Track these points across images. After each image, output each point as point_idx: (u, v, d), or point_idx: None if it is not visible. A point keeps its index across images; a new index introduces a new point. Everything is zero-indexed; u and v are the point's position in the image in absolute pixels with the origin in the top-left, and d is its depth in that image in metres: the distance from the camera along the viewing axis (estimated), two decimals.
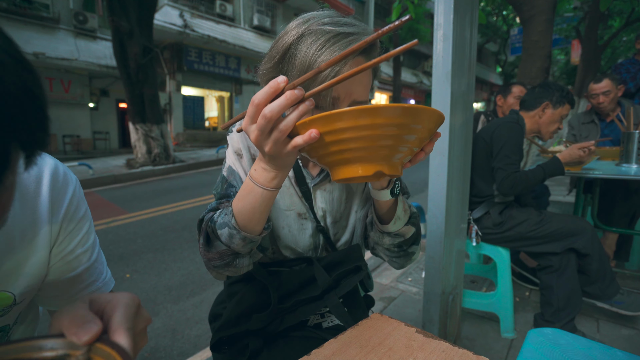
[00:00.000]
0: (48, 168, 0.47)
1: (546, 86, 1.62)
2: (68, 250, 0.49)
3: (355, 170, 0.43)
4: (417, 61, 23.81)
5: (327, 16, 0.55)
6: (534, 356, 0.74)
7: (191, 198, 4.88)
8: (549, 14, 3.12)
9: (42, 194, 0.46)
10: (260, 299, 0.70)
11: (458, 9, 1.20)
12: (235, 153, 0.69)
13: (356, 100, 0.56)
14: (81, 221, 0.51)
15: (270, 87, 0.41)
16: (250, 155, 0.69)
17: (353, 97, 0.56)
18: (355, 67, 0.49)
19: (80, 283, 0.51)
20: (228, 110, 13.43)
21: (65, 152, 9.86)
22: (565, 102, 1.58)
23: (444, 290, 1.38)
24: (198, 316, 2.01)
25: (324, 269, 0.70)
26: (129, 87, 6.66)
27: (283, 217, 0.71)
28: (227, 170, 0.69)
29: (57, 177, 0.48)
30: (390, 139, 0.40)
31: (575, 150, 1.53)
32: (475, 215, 1.64)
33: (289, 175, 0.70)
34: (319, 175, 0.71)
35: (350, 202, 0.75)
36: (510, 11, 14.55)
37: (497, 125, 1.61)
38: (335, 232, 0.74)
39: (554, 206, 3.58)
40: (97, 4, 9.75)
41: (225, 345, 0.73)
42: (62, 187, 0.48)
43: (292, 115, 0.41)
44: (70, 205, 0.49)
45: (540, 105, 1.61)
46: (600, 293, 1.49)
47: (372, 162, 0.42)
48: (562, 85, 1.62)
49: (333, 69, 0.51)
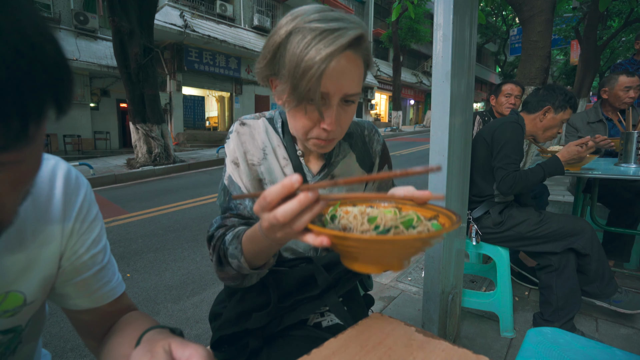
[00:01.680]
0: (61, 171, 0.49)
1: (550, 89, 1.61)
2: (82, 250, 0.51)
3: (365, 268, 0.44)
4: (417, 61, 23.82)
5: (315, 11, 0.54)
6: (533, 355, 0.74)
7: (191, 198, 4.88)
8: (548, 14, 3.12)
9: (55, 196, 0.47)
10: (260, 298, 0.70)
11: (458, 9, 1.20)
12: (233, 162, 0.69)
13: (347, 93, 0.56)
14: (93, 222, 0.52)
15: (284, 186, 0.40)
16: (246, 163, 0.69)
17: (343, 91, 0.56)
18: (344, 62, 0.53)
19: (96, 282, 0.53)
20: (228, 110, 13.43)
21: (66, 152, 9.86)
22: (567, 107, 1.57)
23: (444, 289, 1.39)
24: (198, 316, 2.01)
25: (323, 268, 0.70)
26: (129, 87, 6.65)
27: None
28: (228, 179, 0.69)
29: (70, 180, 0.49)
30: (399, 255, 0.42)
31: (572, 147, 1.53)
32: (475, 214, 1.65)
33: (290, 174, 0.70)
34: (320, 173, 0.71)
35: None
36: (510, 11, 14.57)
37: (498, 125, 1.62)
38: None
39: (553, 206, 3.58)
40: (97, 4, 9.75)
41: (225, 344, 0.73)
42: (74, 189, 0.50)
43: (306, 217, 0.40)
44: (82, 207, 0.51)
45: (542, 109, 1.61)
46: (599, 292, 1.49)
47: (381, 264, 0.43)
48: (567, 89, 1.60)
49: (319, 67, 0.50)
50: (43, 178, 0.47)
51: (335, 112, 0.57)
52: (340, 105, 0.58)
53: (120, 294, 0.56)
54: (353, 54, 0.54)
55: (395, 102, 17.29)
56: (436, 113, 1.26)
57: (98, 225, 0.53)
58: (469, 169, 1.58)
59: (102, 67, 9.74)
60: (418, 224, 0.44)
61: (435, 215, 0.47)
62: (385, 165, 0.81)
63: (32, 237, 0.45)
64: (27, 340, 0.53)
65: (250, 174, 0.69)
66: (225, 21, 11.88)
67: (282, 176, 0.70)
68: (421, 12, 14.95)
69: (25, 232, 0.45)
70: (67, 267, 0.50)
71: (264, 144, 0.70)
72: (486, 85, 29.77)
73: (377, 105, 22.46)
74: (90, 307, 0.53)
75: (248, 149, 0.69)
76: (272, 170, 0.69)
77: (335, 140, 0.62)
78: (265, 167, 0.69)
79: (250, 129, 0.70)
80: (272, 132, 0.71)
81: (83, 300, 0.53)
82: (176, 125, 11.57)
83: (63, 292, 0.52)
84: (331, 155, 0.72)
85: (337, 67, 0.52)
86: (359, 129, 0.78)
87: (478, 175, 1.66)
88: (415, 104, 24.95)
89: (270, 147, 0.70)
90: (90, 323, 0.56)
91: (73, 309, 0.54)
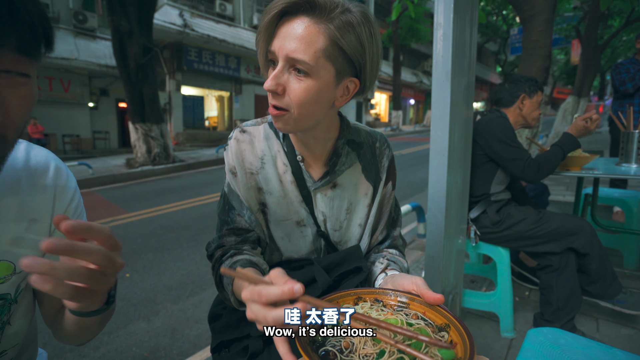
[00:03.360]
0: (54, 160, 0.55)
1: (516, 80, 1.70)
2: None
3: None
4: (417, 61, 23.81)
5: None
6: (533, 355, 0.74)
7: (191, 198, 4.88)
8: (549, 13, 3.12)
9: (48, 178, 0.53)
10: None
11: (458, 9, 1.19)
12: (230, 172, 0.69)
13: (289, 55, 0.54)
14: (79, 211, 0.58)
15: (283, 293, 0.39)
16: (244, 172, 0.68)
17: (286, 51, 0.54)
18: (296, 26, 0.54)
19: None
20: (228, 110, 13.42)
21: (65, 152, 9.85)
22: (537, 90, 1.67)
23: (444, 289, 1.38)
24: (198, 316, 2.01)
25: (324, 269, 0.70)
26: (128, 86, 6.65)
27: (281, 228, 0.71)
28: (227, 187, 0.70)
29: (61, 168, 0.56)
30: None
31: (579, 121, 1.59)
32: (472, 215, 1.64)
33: (289, 180, 0.69)
34: (321, 179, 0.70)
35: (351, 214, 0.74)
36: (510, 11, 14.55)
37: (484, 123, 1.62)
38: (335, 239, 0.74)
39: (554, 206, 3.58)
40: (96, 4, 9.74)
41: (225, 347, 0.73)
42: (66, 178, 0.56)
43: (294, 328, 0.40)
44: (74, 196, 0.57)
45: (517, 99, 1.68)
46: (602, 292, 1.49)
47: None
48: (528, 76, 1.71)
49: (264, 34, 0.57)
50: (39, 159, 0.53)
51: (282, 76, 0.56)
52: (291, 74, 0.56)
53: None
54: (312, 23, 0.53)
55: (395, 102, 17.30)
56: (436, 113, 1.25)
57: (83, 211, 0.60)
58: (470, 168, 1.58)
59: (101, 67, 9.74)
60: (427, 351, 0.40)
61: (446, 325, 0.45)
62: (389, 182, 0.78)
63: (25, 211, 0.50)
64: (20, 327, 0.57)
65: (249, 182, 0.69)
66: (225, 20, 11.87)
67: (279, 185, 0.69)
68: (421, 12, 14.94)
69: (18, 204, 0.49)
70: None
71: (263, 152, 0.69)
72: (486, 84, 29.76)
73: (377, 104, 22.47)
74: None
75: (246, 158, 0.68)
76: (268, 180, 0.69)
77: (287, 117, 0.58)
78: (262, 176, 0.69)
79: (250, 137, 0.70)
80: (273, 137, 0.70)
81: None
82: (175, 125, 11.56)
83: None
84: (336, 164, 0.70)
85: (287, 28, 0.54)
86: (370, 139, 0.76)
87: (471, 176, 1.66)
88: (416, 104, 24.95)
89: (270, 155, 0.69)
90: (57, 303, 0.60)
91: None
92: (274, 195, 0.69)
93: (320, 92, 0.57)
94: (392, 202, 0.79)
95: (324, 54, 0.54)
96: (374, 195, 0.75)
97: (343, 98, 0.62)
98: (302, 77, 0.55)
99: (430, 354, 0.40)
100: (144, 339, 1.82)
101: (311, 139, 0.67)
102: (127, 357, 1.68)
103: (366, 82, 0.61)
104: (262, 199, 0.70)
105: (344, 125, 0.72)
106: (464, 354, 0.39)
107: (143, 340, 1.81)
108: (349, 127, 0.72)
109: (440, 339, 0.43)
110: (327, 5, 0.53)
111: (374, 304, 0.50)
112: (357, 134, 0.74)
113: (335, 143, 0.70)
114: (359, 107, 19.70)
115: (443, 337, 0.44)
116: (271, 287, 0.40)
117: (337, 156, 0.70)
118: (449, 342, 0.43)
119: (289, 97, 0.56)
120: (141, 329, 1.91)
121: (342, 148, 0.71)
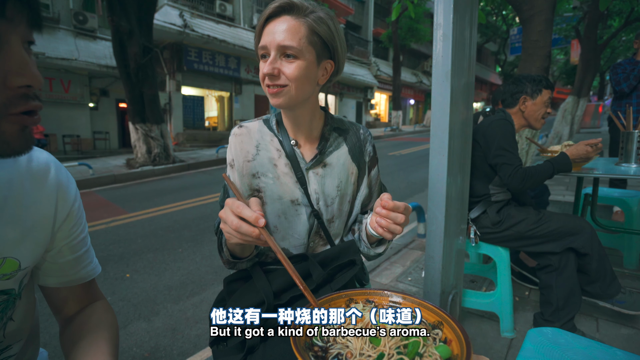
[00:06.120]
0: (54, 162, 0.58)
1: (517, 81, 1.66)
2: (77, 233, 0.60)
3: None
4: (417, 61, 23.80)
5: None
6: (533, 355, 0.74)
7: (191, 198, 4.88)
8: (549, 13, 3.12)
9: (49, 178, 0.55)
10: (258, 295, 0.72)
11: (458, 9, 1.20)
12: (229, 164, 0.79)
13: (280, 44, 0.67)
14: (81, 211, 0.62)
15: (252, 216, 0.53)
16: (241, 161, 0.78)
17: (276, 42, 0.68)
18: (280, 22, 0.69)
19: (82, 262, 0.62)
20: (228, 110, 13.42)
21: (65, 152, 9.85)
22: (542, 89, 1.61)
23: (444, 289, 1.38)
24: (198, 316, 2.01)
25: (319, 264, 0.74)
26: (128, 87, 6.64)
27: (278, 206, 0.79)
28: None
29: (61, 170, 0.58)
30: None
31: (582, 146, 1.56)
32: (472, 215, 1.64)
33: (284, 164, 0.79)
34: (312, 160, 0.79)
35: (342, 191, 0.82)
36: (510, 11, 14.56)
37: (487, 124, 1.62)
38: (327, 216, 0.81)
39: (554, 206, 3.58)
40: (96, 4, 9.73)
41: (223, 341, 0.74)
42: (67, 179, 0.59)
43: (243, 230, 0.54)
44: (76, 197, 0.60)
45: (518, 101, 1.65)
46: (601, 292, 1.49)
47: None
48: (534, 75, 1.65)
49: (258, 24, 0.71)
50: (40, 161, 0.55)
51: (276, 62, 0.69)
52: (282, 60, 0.69)
53: (97, 274, 0.66)
54: (293, 19, 0.69)
55: (395, 102, 17.28)
56: (436, 113, 1.26)
57: (84, 214, 0.63)
58: (470, 168, 1.58)
59: (101, 67, 9.72)
60: (424, 350, 0.42)
61: (439, 323, 0.46)
62: (373, 167, 0.89)
63: (29, 211, 0.52)
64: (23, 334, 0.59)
65: (244, 171, 0.78)
66: (225, 21, 11.87)
67: (273, 169, 0.79)
68: (421, 12, 14.94)
69: (23, 205, 0.52)
70: (64, 246, 0.58)
71: (258, 141, 0.80)
72: (486, 84, 29.77)
73: (377, 105, 22.45)
74: (69, 286, 0.61)
75: (244, 147, 0.79)
76: (263, 164, 0.79)
77: (286, 91, 0.71)
78: (258, 162, 0.79)
79: (247, 130, 0.81)
80: (266, 130, 0.82)
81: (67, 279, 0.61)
82: (175, 125, 11.55)
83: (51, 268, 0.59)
84: (325, 146, 0.82)
85: (273, 26, 0.69)
86: (354, 127, 0.89)
87: (472, 176, 1.66)
88: (415, 104, 24.94)
89: (264, 143, 0.80)
90: (64, 300, 0.63)
91: (52, 286, 0.61)
92: (269, 177, 0.79)
93: (308, 69, 0.71)
94: (379, 182, 0.92)
95: (307, 40, 0.69)
96: (359, 175, 0.86)
97: (324, 77, 0.76)
98: (292, 60, 0.69)
99: (428, 353, 0.40)
100: (144, 339, 1.82)
101: (301, 119, 0.79)
102: (127, 357, 1.69)
103: (339, 63, 0.77)
104: (255, 185, 0.79)
105: (328, 116, 0.85)
106: (460, 350, 0.40)
107: (143, 341, 1.81)
108: (333, 118, 0.86)
109: (435, 337, 0.45)
110: (302, 6, 0.69)
111: (366, 305, 0.50)
112: (342, 123, 0.87)
113: (323, 129, 0.83)
114: (359, 107, 19.70)
115: (437, 335, 0.45)
116: (247, 208, 0.53)
117: (325, 140, 0.82)
118: (442, 339, 0.44)
119: (285, 75, 0.70)
120: (141, 329, 1.91)
121: (329, 133, 0.83)
